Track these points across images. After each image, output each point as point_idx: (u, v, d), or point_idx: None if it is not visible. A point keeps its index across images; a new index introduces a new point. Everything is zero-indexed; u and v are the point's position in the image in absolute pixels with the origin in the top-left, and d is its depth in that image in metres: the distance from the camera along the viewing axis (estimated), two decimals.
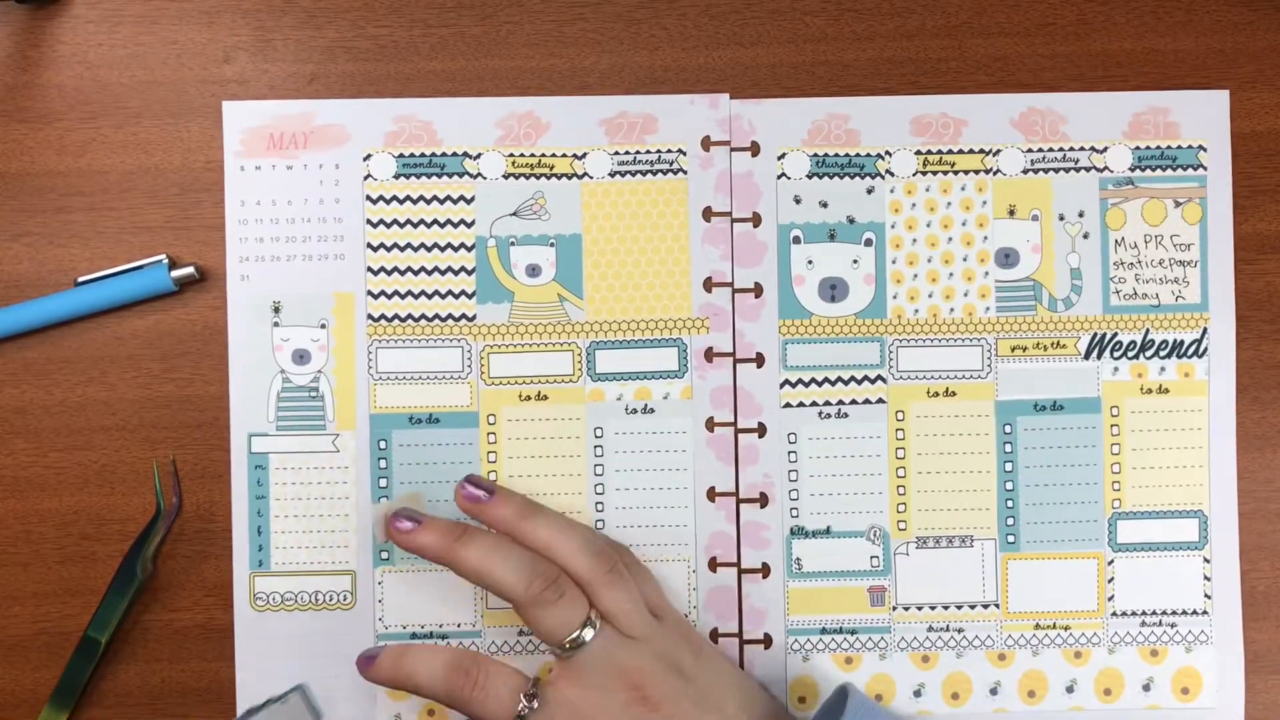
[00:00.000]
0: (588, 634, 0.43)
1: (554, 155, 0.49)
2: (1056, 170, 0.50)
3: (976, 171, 0.50)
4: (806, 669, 0.50)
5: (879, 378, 0.50)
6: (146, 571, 0.48)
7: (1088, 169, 0.50)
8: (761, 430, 0.50)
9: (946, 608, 0.50)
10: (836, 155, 0.50)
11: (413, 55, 0.50)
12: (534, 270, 0.49)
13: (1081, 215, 0.50)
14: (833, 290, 0.50)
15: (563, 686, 0.43)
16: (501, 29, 0.50)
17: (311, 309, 0.49)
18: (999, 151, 0.50)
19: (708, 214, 0.49)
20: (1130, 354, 0.50)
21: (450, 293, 0.49)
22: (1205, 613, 0.50)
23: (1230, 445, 0.50)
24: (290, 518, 0.49)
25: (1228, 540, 0.50)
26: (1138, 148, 0.50)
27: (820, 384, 0.50)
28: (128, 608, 0.48)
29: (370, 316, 0.49)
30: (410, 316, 0.49)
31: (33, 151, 0.50)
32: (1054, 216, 0.50)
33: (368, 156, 0.49)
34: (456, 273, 0.49)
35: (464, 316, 0.49)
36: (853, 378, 0.50)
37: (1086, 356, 0.50)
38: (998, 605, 0.50)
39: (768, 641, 0.50)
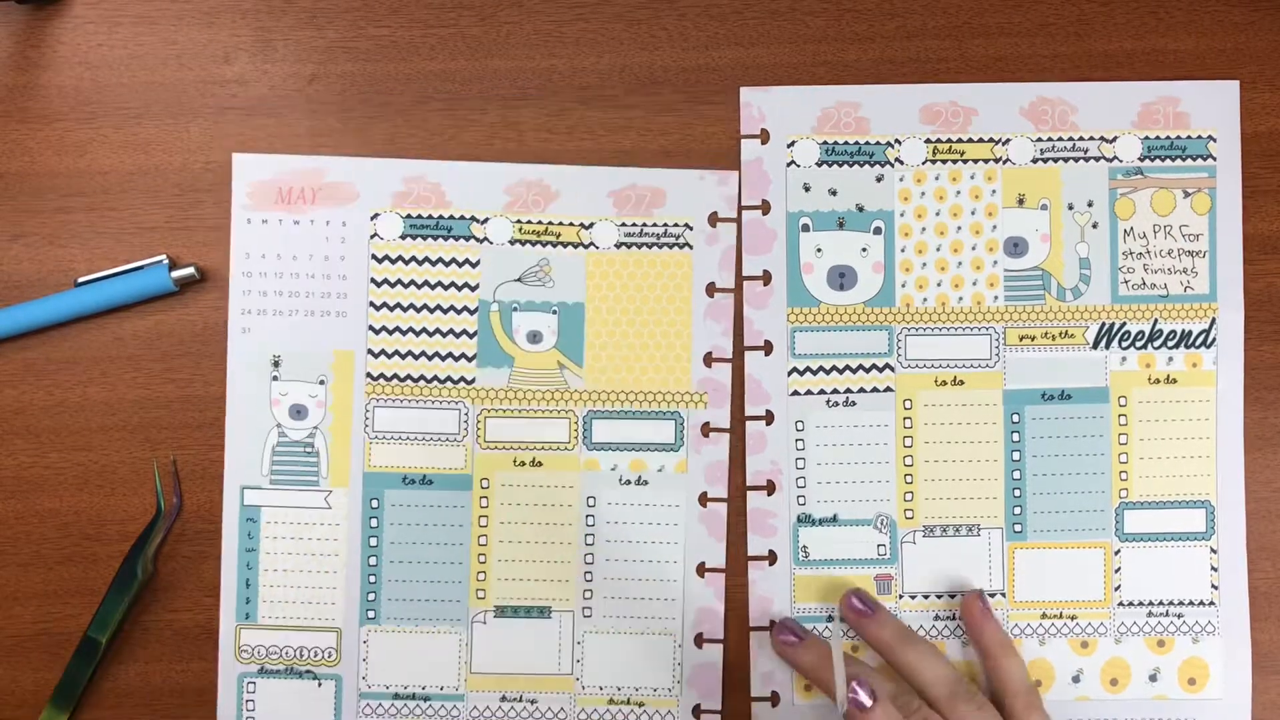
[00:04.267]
0: None
1: (562, 223, 0.49)
2: (1066, 160, 0.50)
3: (986, 160, 0.50)
4: None
5: (887, 366, 0.50)
6: (147, 572, 0.48)
7: (1097, 159, 0.50)
8: (769, 418, 0.50)
9: (953, 596, 0.50)
10: (846, 143, 0.50)
11: (413, 55, 0.50)
12: (535, 336, 0.49)
13: (1090, 205, 0.50)
14: (841, 278, 0.50)
15: None
16: (501, 29, 0.50)
17: (311, 365, 0.49)
18: (1008, 141, 0.50)
19: (711, 289, 0.49)
20: (1138, 344, 0.50)
21: (451, 355, 0.49)
22: (1212, 604, 0.50)
23: (1238, 436, 0.49)
24: (279, 571, 0.49)
25: (1234, 531, 0.50)
26: (1147, 137, 0.50)
27: (828, 372, 0.50)
28: (128, 608, 0.48)
29: (369, 375, 0.49)
30: (409, 377, 0.49)
31: (33, 152, 0.50)
32: (1063, 206, 0.50)
33: (375, 215, 0.49)
34: (458, 335, 0.49)
35: (463, 379, 0.49)
36: (861, 366, 0.50)
37: (1095, 346, 0.50)
38: (1004, 594, 0.50)
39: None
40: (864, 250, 0.50)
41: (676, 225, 0.49)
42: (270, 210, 0.49)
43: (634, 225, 0.49)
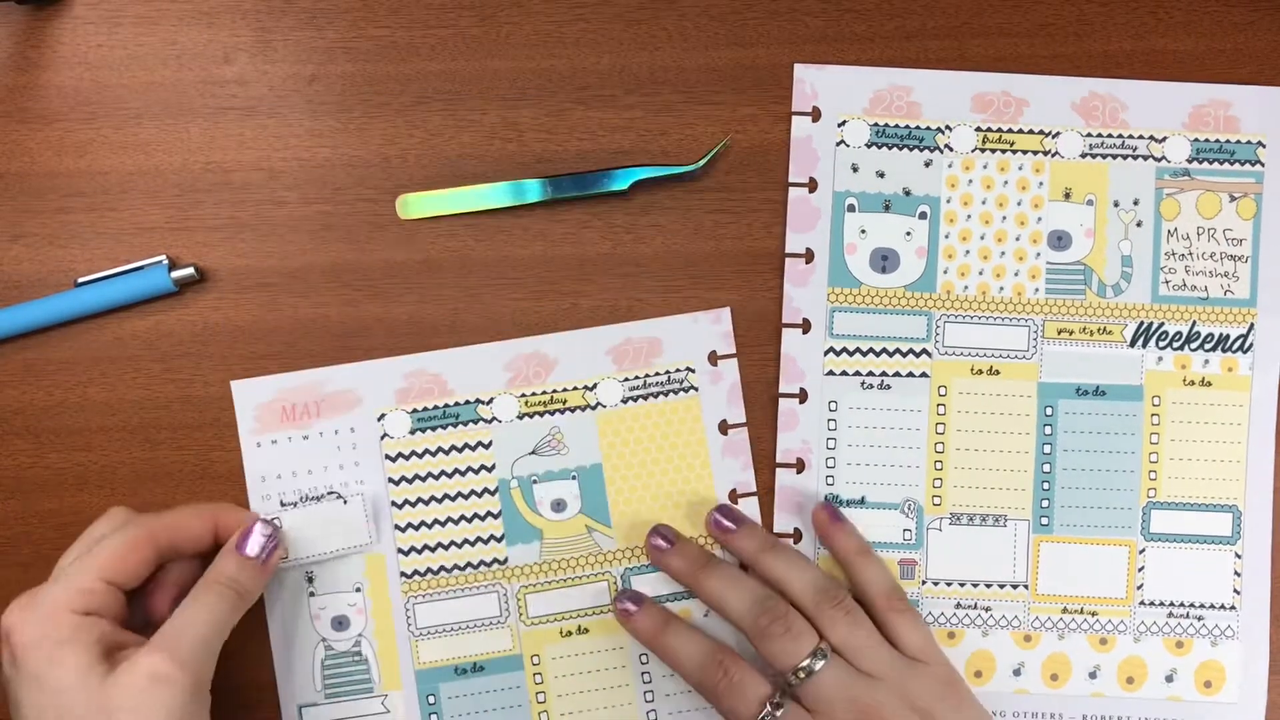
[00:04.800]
0: (817, 665, 0.44)
1: (565, 389, 0.49)
2: (1114, 156, 0.50)
3: (1035, 152, 0.50)
4: None
5: (924, 351, 0.50)
6: None
7: (1145, 157, 0.50)
8: (803, 396, 0.50)
9: (976, 585, 0.50)
10: (897, 126, 0.50)
11: (413, 56, 0.50)
12: (559, 505, 0.49)
13: (1136, 203, 0.50)
14: (884, 261, 0.50)
15: (798, 709, 0.44)
16: (501, 30, 0.50)
17: (345, 575, 0.49)
18: (1059, 134, 0.50)
19: (724, 427, 0.49)
20: (1175, 345, 0.50)
21: (480, 539, 0.49)
22: (1233, 608, 0.50)
23: (1269, 443, 0.50)
24: None
25: (1260, 537, 0.50)
26: (1196, 139, 0.50)
27: (865, 354, 0.50)
28: None
29: (403, 574, 0.49)
30: (443, 568, 0.49)
31: (33, 152, 0.50)
32: (1109, 202, 0.50)
33: (382, 416, 0.49)
34: (483, 518, 0.49)
35: (495, 561, 0.49)
36: (898, 350, 0.50)
37: (1132, 344, 0.50)
38: (1027, 586, 0.50)
39: None
40: (908, 234, 0.50)
41: (679, 370, 0.49)
42: (278, 430, 0.49)
43: (637, 378, 0.49)
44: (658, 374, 0.49)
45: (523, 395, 0.49)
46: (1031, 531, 0.50)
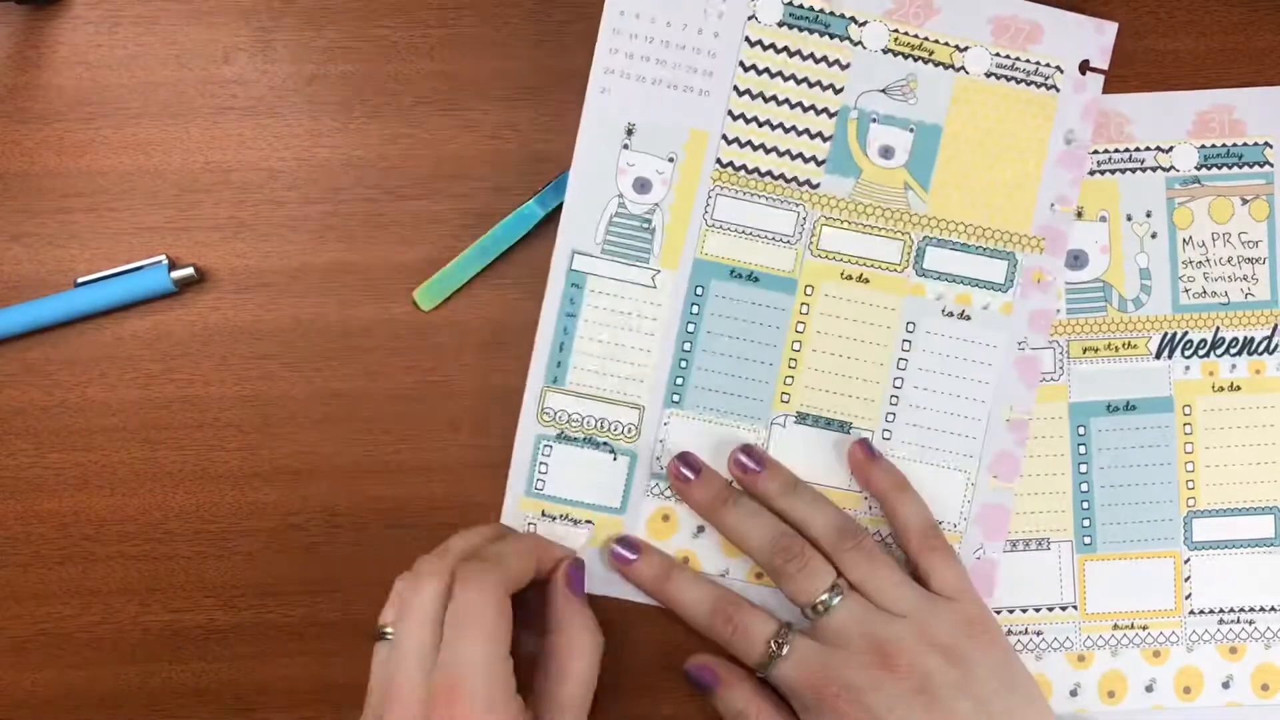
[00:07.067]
0: (834, 600, 0.45)
1: (937, 41, 0.48)
2: (1123, 171, 0.50)
3: None
4: None
5: None
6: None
7: (1154, 169, 0.50)
8: None
9: (1025, 610, 0.50)
10: None
11: (413, 56, 0.49)
12: (887, 152, 0.48)
13: (1149, 215, 0.50)
14: None
15: (808, 641, 0.45)
16: (501, 29, 0.50)
17: (664, 139, 0.48)
18: None
19: (1069, 138, 0.48)
20: (1201, 353, 0.50)
21: (801, 155, 0.48)
22: None
23: None
24: (594, 341, 0.49)
25: None
26: (1203, 146, 0.50)
27: None
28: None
29: (719, 161, 0.48)
30: (757, 170, 0.48)
31: (32, 152, 0.49)
32: (1121, 217, 0.50)
33: None
34: (813, 137, 0.48)
35: (808, 182, 0.48)
36: None
37: (1158, 356, 0.50)
38: (1076, 607, 0.50)
39: None
40: None
41: (1048, 65, 0.48)
42: None
43: (1007, 57, 0.48)
44: (1028, 60, 0.48)
45: (896, 31, 0.48)
46: (1076, 552, 0.50)
